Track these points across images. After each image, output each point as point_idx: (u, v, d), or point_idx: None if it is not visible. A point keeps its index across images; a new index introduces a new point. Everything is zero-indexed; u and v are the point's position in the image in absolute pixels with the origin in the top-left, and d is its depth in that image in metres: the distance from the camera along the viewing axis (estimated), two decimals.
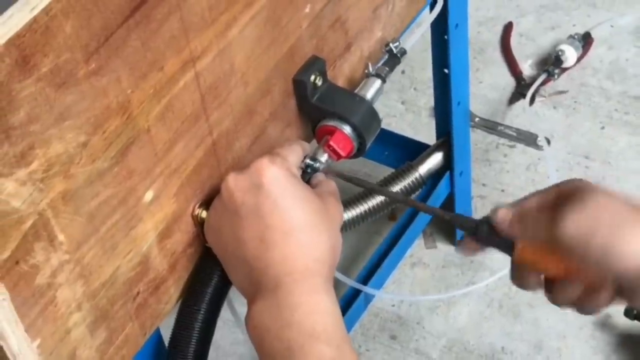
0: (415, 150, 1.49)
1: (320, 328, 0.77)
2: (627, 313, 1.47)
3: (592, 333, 1.50)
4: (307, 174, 0.91)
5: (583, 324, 1.51)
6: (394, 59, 1.00)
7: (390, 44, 1.01)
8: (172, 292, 0.89)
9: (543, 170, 1.71)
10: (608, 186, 0.79)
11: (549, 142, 1.74)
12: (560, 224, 0.76)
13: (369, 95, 0.98)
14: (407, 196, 1.37)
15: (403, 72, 1.86)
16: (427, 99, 1.84)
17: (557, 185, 0.80)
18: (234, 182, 0.83)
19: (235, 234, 0.82)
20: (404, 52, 1.01)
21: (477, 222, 0.83)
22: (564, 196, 0.78)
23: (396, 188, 1.39)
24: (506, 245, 0.82)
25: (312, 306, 0.79)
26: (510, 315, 1.51)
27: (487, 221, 0.83)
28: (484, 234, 0.82)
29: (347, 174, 0.92)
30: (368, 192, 1.30)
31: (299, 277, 0.80)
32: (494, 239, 0.83)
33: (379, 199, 1.31)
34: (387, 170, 1.52)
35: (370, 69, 0.99)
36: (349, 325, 1.41)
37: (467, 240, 0.83)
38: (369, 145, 0.96)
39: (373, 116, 0.96)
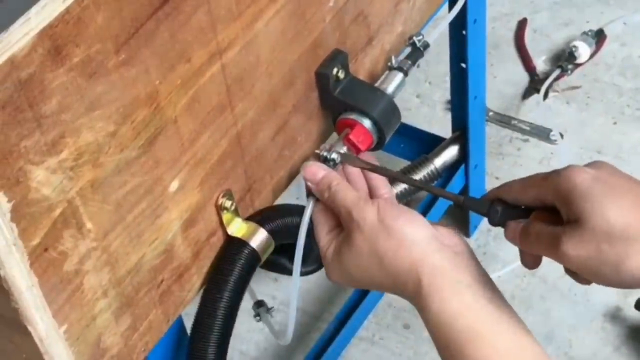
0: (430, 143, 1.50)
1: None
2: (638, 306, 1.48)
3: (602, 325, 1.51)
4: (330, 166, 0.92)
5: (593, 316, 1.52)
6: (416, 52, 1.01)
7: (414, 37, 1.01)
8: (195, 280, 0.90)
9: (556, 164, 1.72)
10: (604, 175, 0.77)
11: (562, 136, 1.75)
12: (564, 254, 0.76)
13: (390, 89, 0.98)
14: (425, 183, 1.39)
15: (418, 65, 1.84)
16: (441, 92, 1.85)
17: (552, 183, 0.78)
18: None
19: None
20: (427, 46, 1.01)
21: (489, 204, 0.83)
22: (564, 204, 0.77)
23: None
24: (520, 214, 0.82)
25: None
26: (522, 307, 1.52)
27: (499, 202, 0.82)
28: (497, 215, 0.82)
29: (369, 163, 0.92)
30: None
31: None
32: (507, 217, 0.82)
33: (396, 190, 1.32)
34: (402, 163, 1.53)
35: (393, 61, 1.00)
36: (363, 314, 1.43)
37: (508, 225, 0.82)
38: (388, 139, 0.97)
39: (393, 111, 0.97)
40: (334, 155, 0.91)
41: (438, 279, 0.80)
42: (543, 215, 0.79)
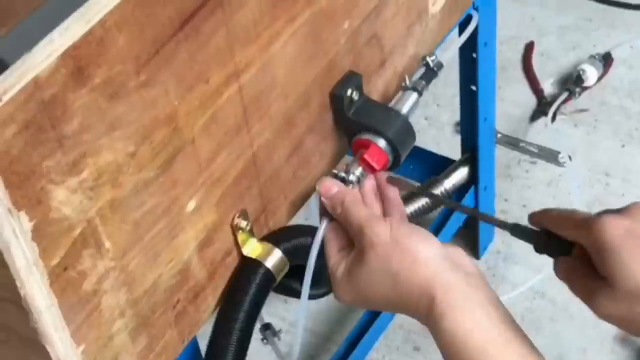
0: (439, 165, 1.51)
1: None
2: None
3: (612, 347, 1.51)
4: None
5: (604, 338, 1.52)
6: (430, 72, 1.02)
7: (427, 58, 1.02)
8: (210, 300, 0.91)
9: (564, 187, 1.73)
10: None
11: (570, 158, 1.75)
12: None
13: (404, 109, 0.99)
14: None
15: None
16: (449, 114, 1.86)
17: (586, 232, 0.77)
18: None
19: None
20: (440, 66, 1.02)
21: (536, 232, 0.83)
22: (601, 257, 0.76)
23: (422, 202, 1.41)
24: (565, 250, 0.82)
25: None
26: (532, 329, 1.52)
27: (545, 231, 0.82)
28: (542, 241, 0.82)
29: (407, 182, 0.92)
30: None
31: None
32: (552, 246, 0.82)
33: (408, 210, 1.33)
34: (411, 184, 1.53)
35: (407, 82, 1.00)
36: (374, 337, 1.42)
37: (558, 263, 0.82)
38: (403, 158, 0.98)
39: (408, 130, 0.98)
40: (352, 178, 0.91)
41: (451, 296, 0.80)
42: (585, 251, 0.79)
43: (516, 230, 0.85)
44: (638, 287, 0.73)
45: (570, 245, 0.81)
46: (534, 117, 1.85)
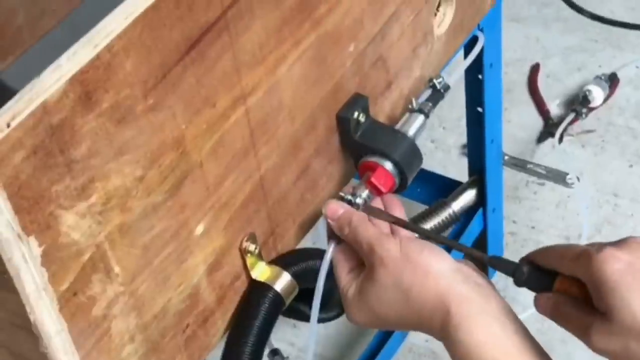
0: (447, 188, 1.50)
1: None
2: None
3: None
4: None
5: None
6: (437, 94, 1.02)
7: (434, 80, 1.02)
8: (220, 324, 0.90)
9: (573, 208, 1.72)
10: None
11: (578, 179, 1.75)
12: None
13: (411, 131, 0.99)
14: (444, 229, 1.39)
15: None
16: (456, 137, 1.86)
17: (585, 265, 0.76)
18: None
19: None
20: (447, 88, 1.02)
21: (516, 264, 0.82)
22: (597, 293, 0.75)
23: (430, 224, 1.41)
24: (546, 283, 0.81)
25: None
26: None
27: (526, 263, 0.82)
28: (523, 276, 0.82)
29: (393, 216, 0.92)
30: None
31: None
32: (532, 280, 0.82)
33: None
34: (419, 207, 1.53)
35: (414, 104, 1.01)
36: None
37: (538, 298, 0.81)
38: (410, 180, 0.98)
39: (414, 152, 0.98)
40: (359, 200, 0.92)
41: (465, 307, 0.80)
42: (569, 284, 0.79)
43: (495, 262, 0.84)
44: (635, 322, 0.72)
45: (551, 279, 0.80)
46: (541, 138, 1.85)
